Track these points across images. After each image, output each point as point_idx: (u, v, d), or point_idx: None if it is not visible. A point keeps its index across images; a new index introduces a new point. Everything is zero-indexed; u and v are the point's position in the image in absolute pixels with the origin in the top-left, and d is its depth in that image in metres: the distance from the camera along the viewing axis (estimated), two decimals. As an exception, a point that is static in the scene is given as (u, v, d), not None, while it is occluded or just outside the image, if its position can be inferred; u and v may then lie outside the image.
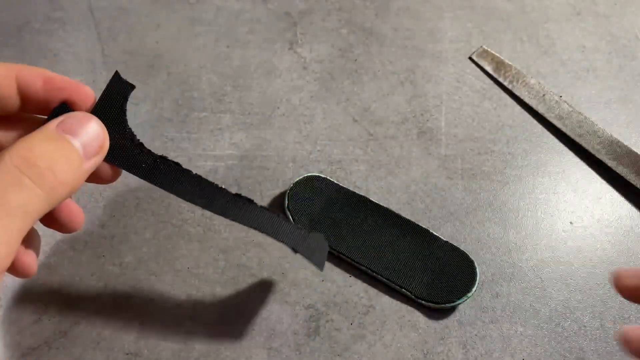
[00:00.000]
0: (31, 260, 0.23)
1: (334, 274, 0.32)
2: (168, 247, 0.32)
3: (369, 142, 0.36)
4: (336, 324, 0.30)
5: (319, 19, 0.42)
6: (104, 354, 0.29)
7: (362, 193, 0.34)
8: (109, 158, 0.23)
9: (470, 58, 0.39)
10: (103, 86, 0.39)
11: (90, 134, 0.21)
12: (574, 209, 0.34)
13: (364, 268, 0.31)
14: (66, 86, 0.22)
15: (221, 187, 0.25)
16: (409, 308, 0.31)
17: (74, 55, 0.40)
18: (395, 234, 0.32)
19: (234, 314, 0.30)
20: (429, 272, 0.31)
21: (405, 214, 0.33)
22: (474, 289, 0.30)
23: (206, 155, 0.36)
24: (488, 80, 0.39)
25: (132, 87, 0.24)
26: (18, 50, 0.40)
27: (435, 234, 0.32)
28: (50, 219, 0.23)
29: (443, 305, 0.30)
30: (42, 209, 0.19)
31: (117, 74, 0.23)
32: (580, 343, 0.30)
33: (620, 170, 0.34)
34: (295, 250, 0.26)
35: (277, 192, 0.34)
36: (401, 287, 0.31)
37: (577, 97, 0.39)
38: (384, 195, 0.34)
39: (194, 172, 0.24)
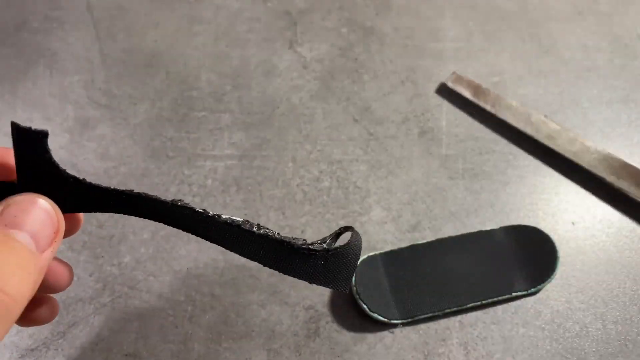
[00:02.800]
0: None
1: (334, 275, 0.31)
2: (167, 247, 0.32)
3: (369, 142, 0.36)
4: (336, 325, 0.30)
5: (319, 17, 0.42)
6: (102, 355, 0.29)
7: (363, 194, 0.34)
8: (70, 208, 0.19)
9: (443, 85, 0.38)
10: (101, 85, 0.39)
11: (40, 220, 0.17)
12: (576, 209, 0.34)
13: (457, 308, 0.30)
14: None
15: (206, 214, 0.20)
16: (410, 309, 0.31)
17: (73, 54, 0.40)
18: (462, 257, 0.31)
19: (234, 314, 0.30)
20: (513, 264, 0.31)
21: (406, 213, 0.33)
22: (558, 258, 0.31)
23: (205, 155, 0.35)
24: (490, 79, 0.39)
25: (44, 134, 0.18)
26: (16, 49, 0.40)
27: (487, 229, 0.32)
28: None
29: (542, 285, 0.31)
30: None
31: (14, 125, 0.18)
32: (582, 344, 0.30)
33: (621, 184, 0.34)
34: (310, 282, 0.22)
35: (276, 192, 0.34)
36: (498, 296, 0.30)
37: (578, 96, 0.38)
38: (384, 195, 0.34)
39: (168, 200, 0.20)
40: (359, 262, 0.30)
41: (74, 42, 0.40)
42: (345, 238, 0.22)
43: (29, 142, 0.18)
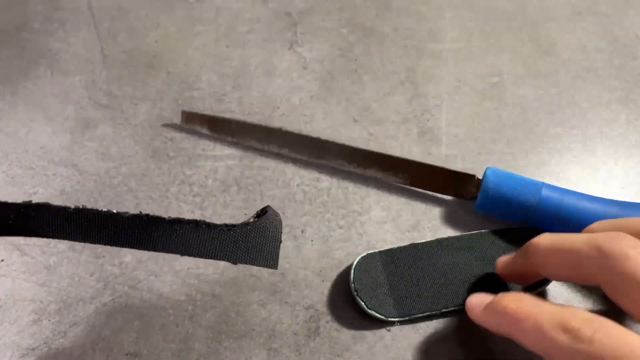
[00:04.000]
0: None
1: (334, 275, 0.32)
2: (168, 247, 0.32)
3: (369, 142, 0.36)
4: (336, 325, 0.30)
5: (319, 18, 0.42)
6: (103, 355, 0.29)
7: (363, 194, 0.34)
8: None
9: (179, 126, 0.37)
10: (102, 86, 0.39)
11: None
12: (575, 209, 0.34)
13: (455, 308, 0.30)
14: None
15: (112, 212, 0.19)
16: (410, 308, 0.31)
17: (74, 55, 0.40)
18: (462, 257, 0.31)
19: (234, 314, 0.30)
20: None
21: (406, 213, 0.33)
22: None
23: (206, 155, 0.36)
24: (489, 80, 0.39)
25: None
26: (17, 50, 0.40)
27: (487, 229, 0.32)
28: None
29: (542, 285, 0.31)
30: None
31: None
32: (582, 344, 0.30)
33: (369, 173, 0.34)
34: (234, 262, 0.21)
35: (277, 192, 0.34)
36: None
37: (577, 96, 0.39)
38: (384, 195, 0.34)
39: (72, 207, 0.19)
40: (357, 266, 0.31)
41: (75, 43, 0.40)
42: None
43: None
